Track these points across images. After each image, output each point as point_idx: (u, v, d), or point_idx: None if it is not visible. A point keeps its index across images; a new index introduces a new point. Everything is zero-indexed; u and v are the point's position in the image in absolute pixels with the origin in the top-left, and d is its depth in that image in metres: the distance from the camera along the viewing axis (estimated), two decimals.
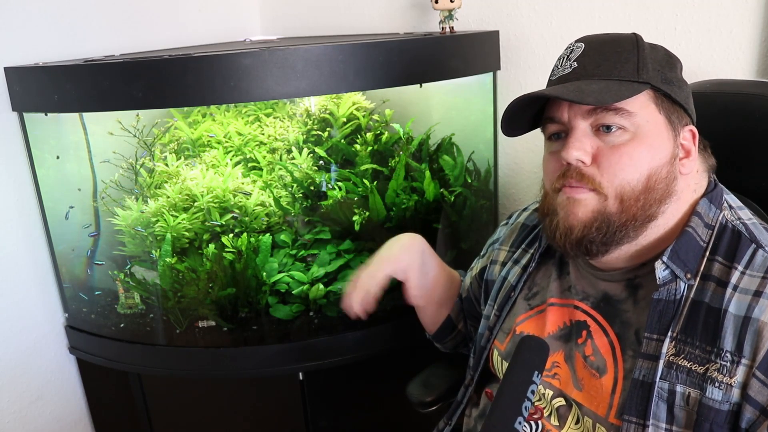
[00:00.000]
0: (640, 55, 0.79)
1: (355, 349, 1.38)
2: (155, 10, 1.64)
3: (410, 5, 1.66)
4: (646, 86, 0.77)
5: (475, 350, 1.03)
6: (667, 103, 0.79)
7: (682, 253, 0.76)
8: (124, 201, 1.45)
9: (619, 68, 0.78)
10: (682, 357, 0.73)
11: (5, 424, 1.45)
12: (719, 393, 0.70)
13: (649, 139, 0.77)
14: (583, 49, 0.81)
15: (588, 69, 0.79)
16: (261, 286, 1.39)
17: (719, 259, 0.76)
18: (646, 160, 0.76)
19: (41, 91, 1.28)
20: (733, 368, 0.70)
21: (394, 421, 1.51)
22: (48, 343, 1.51)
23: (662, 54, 0.82)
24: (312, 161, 1.48)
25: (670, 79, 0.79)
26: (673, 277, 0.76)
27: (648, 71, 0.78)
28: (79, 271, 1.54)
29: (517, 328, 0.93)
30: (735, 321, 0.71)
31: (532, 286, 0.95)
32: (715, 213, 0.79)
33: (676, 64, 0.83)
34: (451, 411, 1.04)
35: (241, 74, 1.16)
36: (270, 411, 1.49)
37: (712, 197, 0.80)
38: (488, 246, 1.11)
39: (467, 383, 1.02)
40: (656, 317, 0.76)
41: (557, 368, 0.86)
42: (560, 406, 0.86)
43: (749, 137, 1.00)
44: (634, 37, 0.81)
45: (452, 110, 1.61)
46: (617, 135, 0.77)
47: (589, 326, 0.84)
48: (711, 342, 0.72)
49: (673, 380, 0.73)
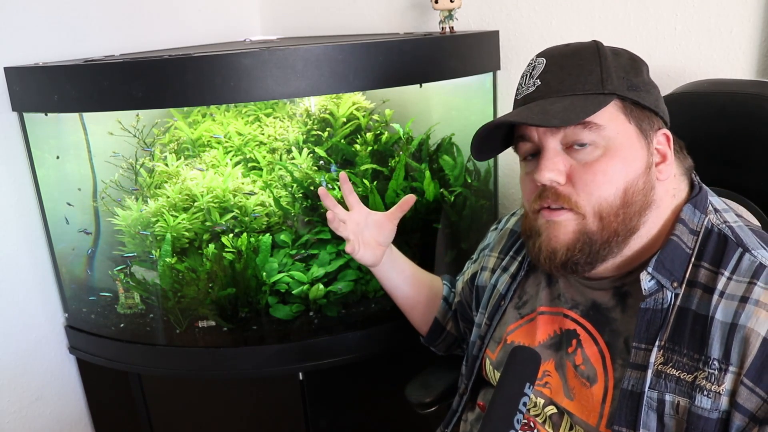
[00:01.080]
0: (603, 65, 0.76)
1: (355, 349, 1.38)
2: (155, 10, 1.64)
3: (410, 5, 1.66)
4: (612, 97, 0.75)
5: (467, 359, 1.03)
6: (637, 110, 0.77)
7: (668, 262, 0.75)
8: (124, 201, 1.45)
9: (583, 81, 0.76)
10: (670, 366, 0.73)
11: (5, 424, 1.45)
12: (708, 401, 0.70)
13: (621, 151, 0.75)
14: (545, 65, 0.79)
15: (552, 86, 0.77)
16: (261, 286, 1.39)
17: (705, 265, 0.75)
18: (621, 174, 0.75)
19: (41, 91, 1.28)
20: (720, 376, 0.69)
21: (394, 422, 1.51)
22: (48, 343, 1.51)
23: (626, 59, 0.79)
24: (312, 161, 1.48)
25: (636, 85, 0.77)
26: (659, 286, 0.75)
27: (612, 81, 0.76)
28: (79, 271, 1.54)
29: (508, 337, 0.93)
30: (722, 328, 0.70)
31: (522, 295, 0.94)
32: (699, 218, 0.78)
33: (642, 67, 0.80)
34: (447, 419, 1.04)
35: (241, 74, 1.16)
36: (270, 411, 1.49)
37: (696, 202, 0.79)
38: (479, 251, 1.11)
39: (461, 392, 1.02)
40: (644, 327, 0.75)
41: (548, 377, 0.86)
42: (553, 414, 0.86)
43: (749, 137, 1.00)
44: (595, 46, 0.78)
45: (452, 110, 1.61)
46: (589, 151, 0.76)
47: (579, 335, 0.84)
48: (698, 350, 0.72)
49: (662, 389, 0.73)
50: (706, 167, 1.03)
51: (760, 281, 0.71)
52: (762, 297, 0.69)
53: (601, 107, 0.74)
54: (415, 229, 1.47)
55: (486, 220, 1.65)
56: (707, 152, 1.04)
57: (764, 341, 0.68)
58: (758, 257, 0.73)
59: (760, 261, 0.72)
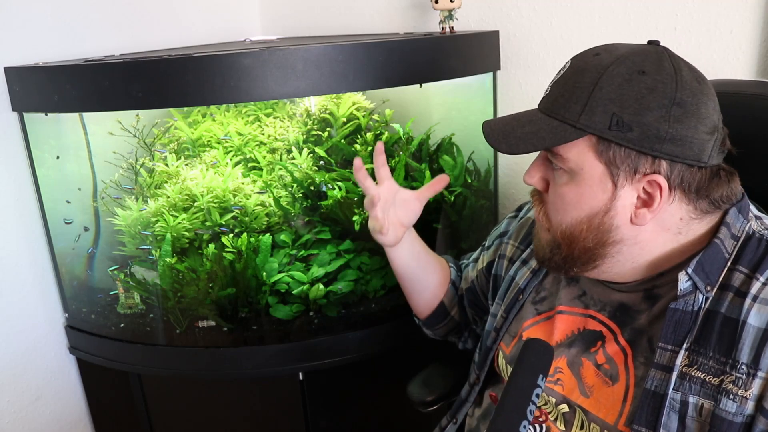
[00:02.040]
0: (593, 95, 0.71)
1: (355, 349, 1.38)
2: (155, 10, 1.64)
3: (410, 5, 1.66)
4: (582, 134, 0.72)
5: (480, 348, 1.02)
6: (620, 150, 0.71)
7: (707, 265, 0.74)
8: (124, 201, 1.45)
9: (567, 108, 0.73)
10: (695, 368, 0.72)
11: (5, 424, 1.45)
12: (734, 405, 0.69)
13: (580, 188, 0.75)
14: (563, 74, 0.76)
15: (549, 100, 0.76)
16: (261, 286, 1.39)
17: (741, 269, 0.74)
18: (575, 206, 0.76)
19: (41, 91, 1.28)
20: (749, 381, 0.69)
21: (395, 421, 1.51)
22: (48, 343, 1.51)
23: (637, 90, 0.70)
24: (312, 161, 1.48)
25: (628, 123, 0.70)
26: (694, 288, 0.74)
27: (593, 116, 0.71)
28: (79, 271, 1.54)
29: (524, 333, 0.92)
30: (754, 333, 0.70)
31: (540, 290, 0.94)
32: (742, 223, 0.77)
33: (657, 103, 0.69)
34: (455, 408, 1.03)
35: (241, 74, 1.16)
36: (270, 411, 1.49)
37: (741, 207, 0.78)
38: (495, 238, 1.09)
39: (473, 381, 1.01)
40: (671, 327, 0.74)
41: (560, 374, 0.86)
42: (565, 412, 0.85)
43: (749, 137, 0.99)
44: (600, 71, 0.71)
45: (452, 110, 1.61)
46: (559, 174, 0.77)
47: (605, 336, 0.83)
48: (726, 353, 0.71)
49: (686, 391, 0.73)
50: None
51: None
52: None
53: (564, 142, 0.73)
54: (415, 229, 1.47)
55: (486, 220, 1.65)
56: None
57: None
58: None
59: None
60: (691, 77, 0.72)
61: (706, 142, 0.71)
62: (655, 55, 0.72)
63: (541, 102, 0.79)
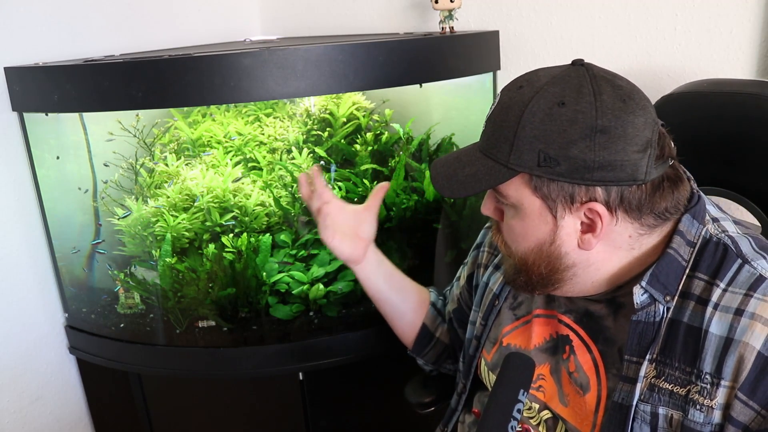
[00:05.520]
0: (517, 135, 0.70)
1: (355, 349, 1.38)
2: (155, 10, 1.64)
3: (410, 5, 1.66)
4: (513, 173, 0.72)
5: (464, 357, 1.02)
6: (553, 184, 0.71)
7: (663, 276, 0.73)
8: (124, 201, 1.45)
9: (498, 148, 0.73)
10: (662, 379, 0.73)
11: (5, 424, 1.45)
12: (700, 415, 0.69)
13: (524, 221, 0.76)
14: (493, 110, 0.75)
15: (484, 138, 0.77)
16: (261, 286, 1.39)
17: (700, 276, 0.73)
18: (524, 238, 0.78)
19: (41, 91, 1.28)
20: (713, 390, 0.69)
21: (394, 422, 1.51)
22: (48, 343, 1.51)
23: (559, 124, 0.69)
24: (312, 161, 1.48)
25: (554, 158, 0.69)
26: (651, 300, 0.74)
27: (521, 156, 0.71)
28: (79, 271, 1.54)
29: (503, 339, 0.92)
30: (716, 342, 0.69)
31: (516, 296, 0.94)
32: (697, 228, 0.75)
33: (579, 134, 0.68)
34: (447, 418, 1.04)
35: (241, 74, 1.16)
36: (270, 411, 1.49)
37: (695, 212, 0.76)
38: (472, 251, 1.10)
39: (460, 390, 1.02)
40: (635, 339, 0.75)
41: (542, 381, 0.86)
42: (548, 419, 0.86)
43: (749, 137, 1.00)
44: (522, 108, 0.71)
45: (452, 110, 1.61)
46: (507, 208, 0.78)
47: (572, 341, 0.83)
48: (690, 363, 0.71)
49: (656, 402, 0.73)
50: (706, 167, 1.03)
51: (757, 293, 0.69)
52: (758, 309, 0.68)
53: (499, 183, 0.74)
54: (415, 229, 1.47)
55: (486, 220, 1.65)
56: (707, 152, 1.04)
57: (759, 355, 0.67)
58: (758, 269, 0.71)
59: (759, 272, 0.70)
60: (614, 97, 0.69)
61: (639, 160, 0.69)
62: (576, 80, 0.71)
63: (480, 139, 0.79)
